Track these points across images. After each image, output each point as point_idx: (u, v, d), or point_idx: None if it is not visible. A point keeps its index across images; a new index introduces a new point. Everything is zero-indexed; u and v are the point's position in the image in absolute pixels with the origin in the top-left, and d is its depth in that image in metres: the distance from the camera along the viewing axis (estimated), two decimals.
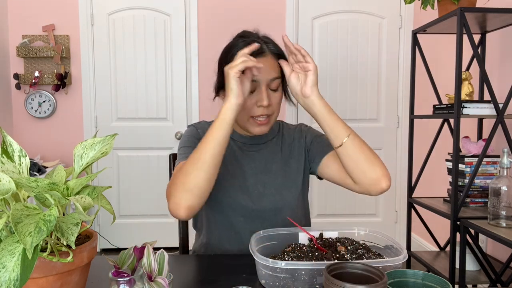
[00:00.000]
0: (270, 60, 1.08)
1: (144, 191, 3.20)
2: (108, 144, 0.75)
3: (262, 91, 1.06)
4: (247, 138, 1.21)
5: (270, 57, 1.08)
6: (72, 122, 3.15)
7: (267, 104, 1.06)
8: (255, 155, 1.20)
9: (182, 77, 3.17)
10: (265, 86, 1.07)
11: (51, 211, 0.60)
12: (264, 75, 1.06)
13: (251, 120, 1.10)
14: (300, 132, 1.26)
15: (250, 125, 1.11)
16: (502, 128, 1.78)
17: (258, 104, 1.07)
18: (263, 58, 1.07)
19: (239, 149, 1.20)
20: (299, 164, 1.22)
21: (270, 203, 1.16)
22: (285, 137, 1.26)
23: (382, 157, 3.27)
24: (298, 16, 3.16)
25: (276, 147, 1.23)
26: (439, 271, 1.91)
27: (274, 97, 1.10)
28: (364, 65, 3.20)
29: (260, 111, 1.08)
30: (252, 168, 1.19)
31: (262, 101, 1.06)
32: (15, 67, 3.07)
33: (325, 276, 0.67)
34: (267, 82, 1.07)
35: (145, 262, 0.73)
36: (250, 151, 1.21)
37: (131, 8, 3.12)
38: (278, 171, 1.19)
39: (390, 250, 0.91)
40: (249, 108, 1.08)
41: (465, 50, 1.81)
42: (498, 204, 1.56)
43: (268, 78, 1.07)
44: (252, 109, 1.08)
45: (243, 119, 1.11)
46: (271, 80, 1.07)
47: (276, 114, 1.14)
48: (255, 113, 1.08)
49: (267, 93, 1.07)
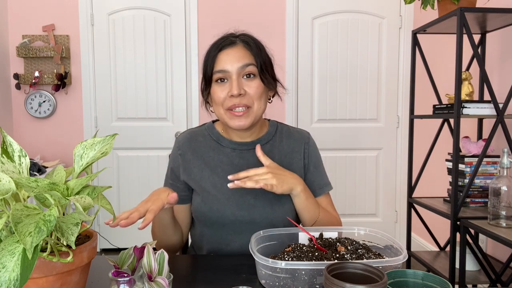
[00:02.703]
0: (240, 49, 1.08)
1: (144, 191, 3.20)
2: (108, 144, 0.75)
3: (233, 80, 1.05)
4: (237, 144, 1.15)
5: (241, 46, 1.08)
6: (72, 122, 3.15)
7: (238, 93, 1.04)
8: (245, 164, 1.13)
9: (182, 77, 3.17)
10: (236, 75, 1.05)
11: (51, 211, 0.60)
12: (233, 64, 1.05)
13: (228, 113, 1.07)
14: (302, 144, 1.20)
15: (228, 118, 1.08)
16: (502, 128, 1.78)
17: (229, 94, 1.05)
18: (233, 48, 1.07)
19: (228, 158, 1.15)
20: None
21: (260, 215, 1.10)
22: (283, 144, 1.18)
23: (382, 157, 3.27)
24: (298, 16, 3.16)
25: (270, 155, 1.14)
26: (439, 271, 1.91)
27: (250, 86, 1.06)
28: (364, 65, 3.20)
29: (233, 101, 1.05)
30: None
31: (232, 90, 1.04)
32: (15, 67, 3.07)
33: (325, 276, 0.67)
34: (237, 71, 1.06)
35: (145, 262, 0.73)
36: (240, 159, 1.14)
37: (131, 8, 3.12)
38: None
39: (390, 250, 0.91)
40: (222, 100, 1.07)
41: (465, 50, 1.81)
42: (498, 204, 1.56)
43: (237, 66, 1.05)
44: (225, 101, 1.07)
45: (221, 114, 1.09)
46: (242, 67, 1.05)
47: (258, 106, 1.08)
48: (228, 104, 1.06)
49: (238, 82, 1.05)
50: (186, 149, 1.17)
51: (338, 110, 3.22)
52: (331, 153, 3.16)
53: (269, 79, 1.10)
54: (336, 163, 3.23)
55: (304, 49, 3.18)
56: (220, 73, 1.07)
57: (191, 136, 1.19)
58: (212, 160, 1.15)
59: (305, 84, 3.20)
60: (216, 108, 1.10)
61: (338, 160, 3.23)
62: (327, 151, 3.07)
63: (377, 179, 3.29)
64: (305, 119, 3.21)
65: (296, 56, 3.18)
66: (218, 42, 1.10)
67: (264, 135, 1.18)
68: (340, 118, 3.22)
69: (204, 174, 1.13)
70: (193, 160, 1.15)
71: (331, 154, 3.17)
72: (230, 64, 1.05)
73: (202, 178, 1.13)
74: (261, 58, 1.08)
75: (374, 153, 3.27)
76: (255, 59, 1.07)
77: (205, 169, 1.14)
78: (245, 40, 1.09)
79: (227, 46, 1.08)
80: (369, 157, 3.26)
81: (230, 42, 1.08)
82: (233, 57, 1.06)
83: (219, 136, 1.17)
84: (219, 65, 1.07)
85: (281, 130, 1.21)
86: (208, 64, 1.09)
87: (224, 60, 1.06)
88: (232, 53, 1.06)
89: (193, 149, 1.17)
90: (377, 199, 3.31)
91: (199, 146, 1.17)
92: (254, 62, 1.07)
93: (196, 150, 1.16)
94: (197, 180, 1.14)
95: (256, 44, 1.10)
